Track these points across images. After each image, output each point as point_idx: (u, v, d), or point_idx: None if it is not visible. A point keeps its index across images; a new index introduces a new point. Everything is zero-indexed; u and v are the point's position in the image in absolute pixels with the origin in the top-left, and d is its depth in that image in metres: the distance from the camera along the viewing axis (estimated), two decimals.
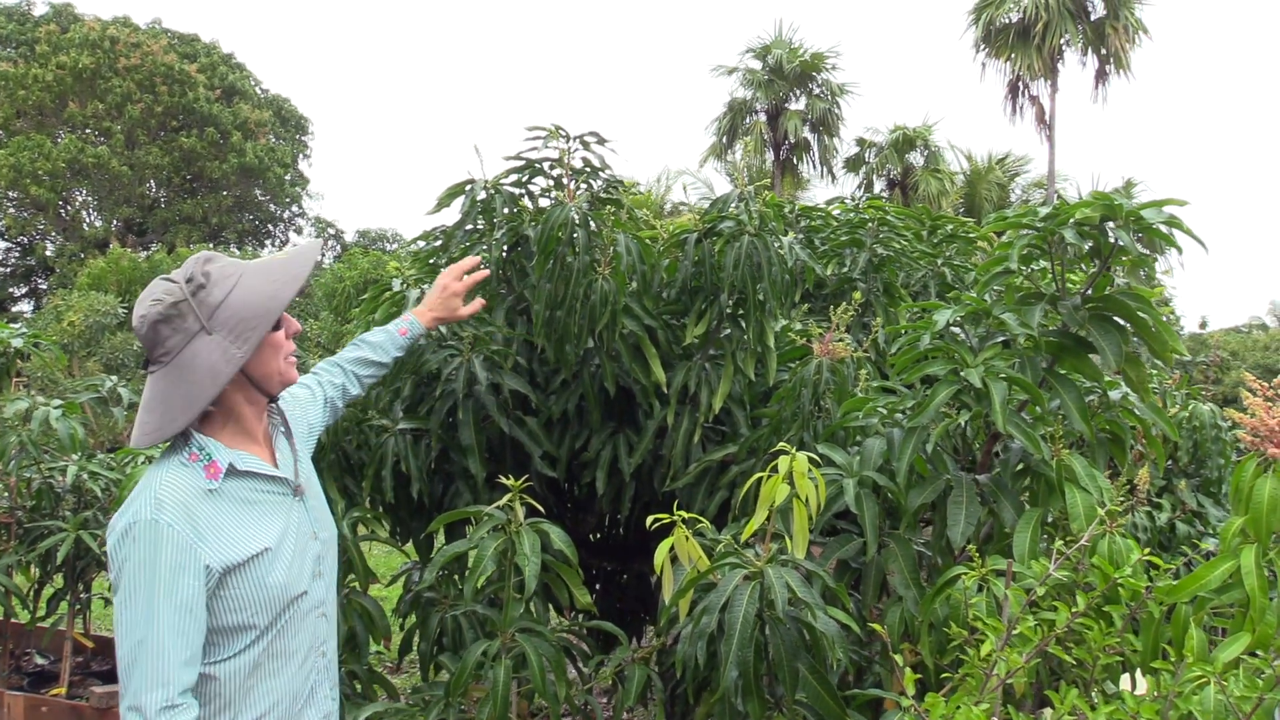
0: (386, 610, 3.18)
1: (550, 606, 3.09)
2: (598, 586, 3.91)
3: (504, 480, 2.52)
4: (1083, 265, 2.87)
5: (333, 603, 1.98)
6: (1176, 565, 2.21)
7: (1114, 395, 2.75)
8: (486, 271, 2.51)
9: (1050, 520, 2.54)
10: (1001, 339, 2.63)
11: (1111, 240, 2.52)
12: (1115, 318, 2.58)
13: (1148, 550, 2.22)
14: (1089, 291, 2.62)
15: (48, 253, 31.29)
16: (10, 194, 29.33)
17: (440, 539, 3.36)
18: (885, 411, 2.70)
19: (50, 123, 29.57)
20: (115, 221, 30.66)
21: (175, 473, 1.74)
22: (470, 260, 2.57)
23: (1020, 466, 2.63)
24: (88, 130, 29.56)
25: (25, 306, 32.77)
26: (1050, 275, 2.70)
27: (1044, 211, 2.60)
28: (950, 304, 2.70)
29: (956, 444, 2.86)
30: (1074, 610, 1.83)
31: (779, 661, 2.21)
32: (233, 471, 1.78)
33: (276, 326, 1.83)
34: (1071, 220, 2.52)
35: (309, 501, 1.94)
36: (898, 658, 1.87)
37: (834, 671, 2.38)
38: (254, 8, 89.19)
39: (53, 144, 28.47)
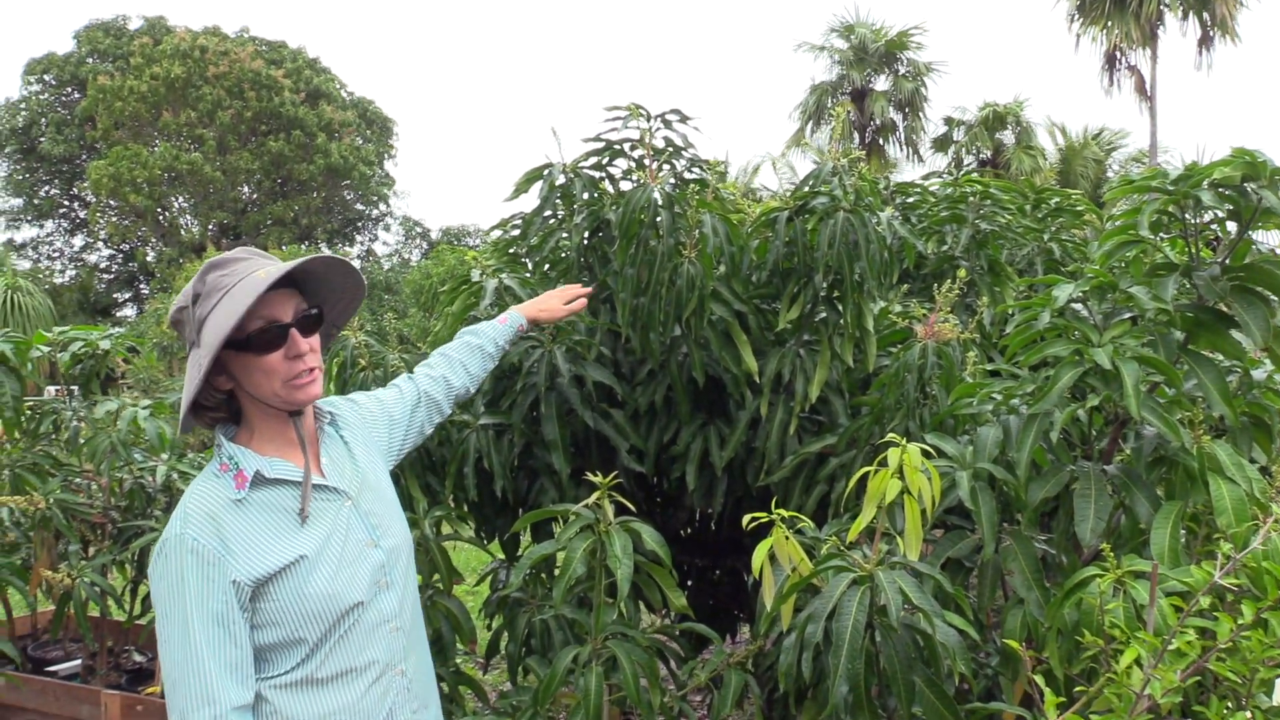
0: (473, 611, 3.08)
1: (641, 605, 2.96)
2: (689, 584, 3.76)
3: (590, 476, 2.39)
4: (1217, 232, 2.62)
5: (411, 616, 1.87)
6: None
7: (1257, 374, 2.48)
8: (590, 290, 2.47)
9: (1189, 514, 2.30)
10: (1129, 315, 2.39)
11: (1254, 201, 2.26)
12: (1259, 289, 2.32)
13: None
14: (1227, 260, 2.37)
15: (148, 258, 32.42)
16: (111, 203, 30.46)
17: (526, 537, 3.25)
18: (1000, 397, 2.48)
19: (146, 132, 30.61)
20: (210, 226, 31.59)
21: (205, 484, 1.69)
22: (579, 289, 2.51)
23: (1153, 456, 2.39)
24: (181, 138, 30.52)
25: (130, 311, 34.03)
26: (1184, 244, 2.45)
27: (1174, 173, 2.36)
28: (1070, 278, 2.47)
29: (1073, 432, 2.63)
30: (1240, 621, 1.61)
31: (892, 673, 2.03)
32: (261, 479, 1.71)
33: (267, 348, 1.71)
34: (1207, 181, 2.27)
35: (365, 507, 1.84)
36: (1037, 677, 1.68)
37: (951, 681, 2.19)
38: (339, 13, 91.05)
39: (149, 152, 29.47)
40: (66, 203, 34.31)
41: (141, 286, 34.25)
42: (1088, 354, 2.23)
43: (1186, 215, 2.38)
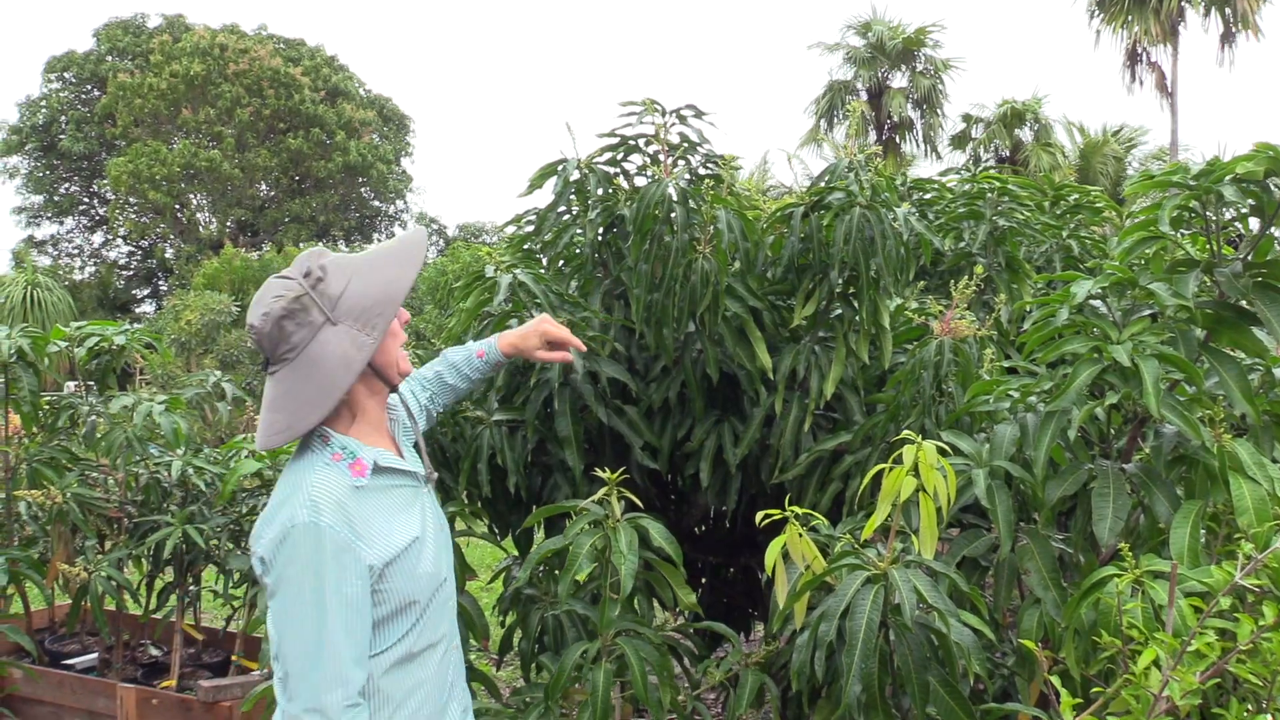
0: (486, 608, 3.08)
1: (656, 603, 2.94)
2: (703, 581, 3.74)
3: (600, 472, 2.38)
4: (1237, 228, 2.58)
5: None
6: None
7: (1279, 372, 2.45)
8: (579, 344, 2.40)
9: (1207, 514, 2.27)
10: (1149, 312, 2.36)
11: (1278, 197, 2.23)
12: None
13: None
14: (1249, 257, 2.34)
15: (167, 255, 32.61)
16: (130, 200, 30.64)
17: (540, 534, 3.24)
18: (1018, 395, 2.45)
19: (165, 129, 30.76)
20: (228, 223, 31.75)
21: (324, 473, 1.72)
22: (568, 337, 2.42)
23: (1173, 455, 2.35)
24: (200, 135, 30.65)
25: (149, 307, 34.25)
26: (1205, 240, 2.41)
27: (1196, 168, 2.32)
28: (1089, 275, 2.44)
29: (1091, 430, 2.60)
30: (1261, 623, 1.58)
31: (906, 673, 2.01)
32: (376, 468, 1.78)
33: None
34: (1230, 176, 2.23)
35: (432, 493, 1.95)
36: (1054, 679, 1.65)
37: (966, 682, 2.16)
38: (357, 11, 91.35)
39: (168, 150, 29.62)
40: (86, 200, 34.53)
41: (160, 283, 34.42)
42: (1107, 351, 2.20)
43: (1208, 211, 2.35)
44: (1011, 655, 2.48)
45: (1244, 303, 2.30)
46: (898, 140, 25.30)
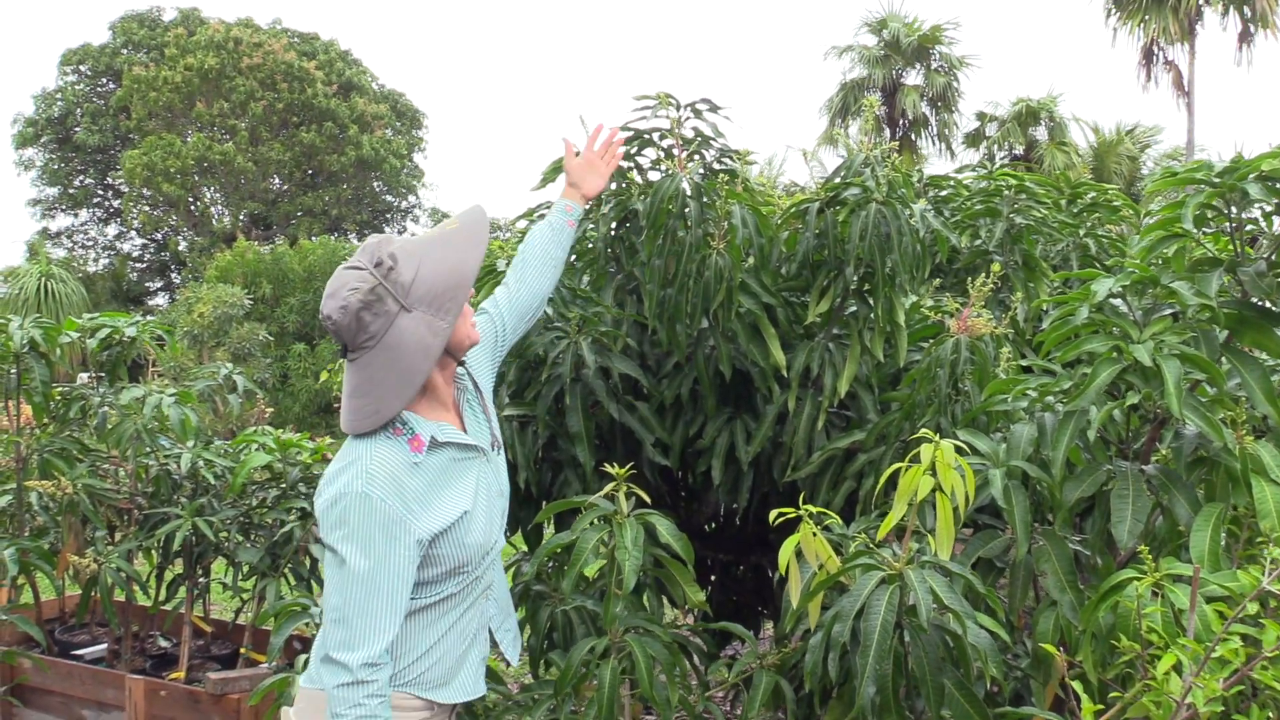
0: None
1: (667, 601, 2.92)
2: (713, 578, 3.72)
3: (608, 468, 2.36)
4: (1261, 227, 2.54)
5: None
6: None
7: None
8: (615, 129, 2.52)
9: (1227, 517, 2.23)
10: (1170, 311, 2.33)
11: None
12: None
13: None
14: (1273, 256, 2.30)
15: (180, 247, 32.69)
16: (145, 192, 30.73)
17: (550, 529, 3.22)
18: (1035, 394, 2.42)
19: (179, 122, 30.82)
20: (241, 216, 31.82)
21: (383, 447, 1.82)
22: (607, 135, 2.60)
23: (1193, 456, 2.32)
24: (214, 128, 30.70)
25: (162, 300, 34.36)
26: (1228, 239, 2.37)
27: (1219, 166, 2.29)
28: (1108, 273, 2.40)
29: (1109, 431, 2.56)
30: None
31: (921, 675, 1.98)
32: (434, 444, 1.88)
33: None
34: (1254, 174, 2.20)
35: (495, 460, 2.05)
36: (1076, 685, 1.62)
37: (981, 684, 2.13)
38: (371, 7, 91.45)
39: (182, 143, 29.68)
40: (101, 192, 34.63)
41: (173, 275, 34.53)
42: (1127, 351, 2.16)
43: (1231, 209, 2.31)
44: (1025, 657, 2.45)
45: (1267, 303, 2.26)
46: (912, 138, 25.21)
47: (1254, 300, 2.28)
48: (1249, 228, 2.38)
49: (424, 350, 1.81)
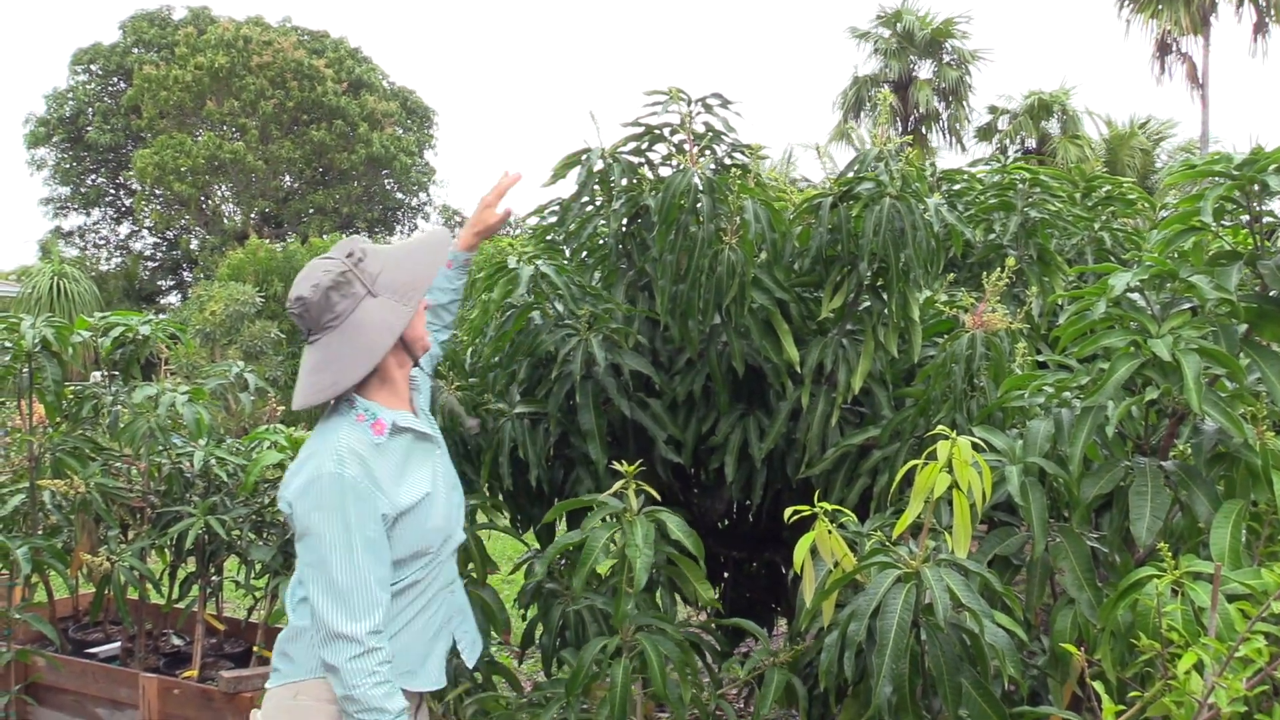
0: (507, 600, 3.05)
1: (679, 598, 2.90)
2: (726, 576, 3.70)
3: (618, 465, 2.35)
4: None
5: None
6: None
7: None
8: (519, 175, 2.62)
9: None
10: (1189, 305, 2.30)
11: None
12: None
13: None
14: None
15: (192, 246, 32.81)
16: (156, 191, 30.85)
17: (562, 527, 3.21)
18: (1052, 390, 2.39)
19: (190, 121, 30.91)
20: (252, 214, 31.91)
21: (349, 431, 1.94)
22: (509, 179, 2.66)
23: (1213, 452, 2.29)
24: (225, 127, 30.79)
25: (174, 298, 34.49)
26: (1247, 232, 2.34)
27: (1239, 158, 2.26)
28: (1125, 266, 2.37)
29: (1126, 427, 2.53)
30: None
31: (938, 674, 1.96)
32: (395, 428, 2.01)
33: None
34: (1275, 166, 2.17)
35: (445, 457, 2.19)
36: (1097, 686, 1.60)
37: (998, 683, 2.11)
38: (381, 4, 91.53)
39: (193, 141, 29.76)
40: (112, 191, 34.78)
41: (185, 274, 34.66)
42: (1145, 346, 2.14)
43: (1251, 202, 2.28)
44: (1043, 656, 2.43)
45: None
46: (923, 131, 25.10)
47: (1274, 294, 2.24)
48: (1268, 220, 2.35)
49: (387, 327, 1.96)
